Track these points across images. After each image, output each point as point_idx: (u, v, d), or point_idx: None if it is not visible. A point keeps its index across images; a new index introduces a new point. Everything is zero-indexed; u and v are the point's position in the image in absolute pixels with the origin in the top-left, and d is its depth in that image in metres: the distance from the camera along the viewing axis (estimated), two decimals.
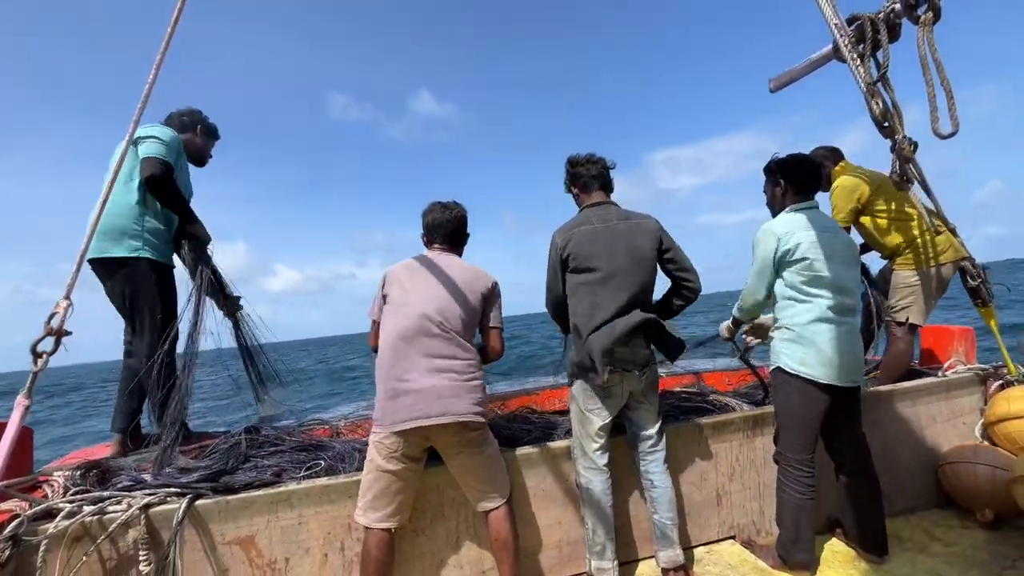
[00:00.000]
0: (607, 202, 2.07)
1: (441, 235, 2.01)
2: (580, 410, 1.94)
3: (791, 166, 2.12)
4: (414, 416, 1.64)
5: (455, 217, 2.03)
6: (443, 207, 2.03)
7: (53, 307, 1.55)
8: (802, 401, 1.94)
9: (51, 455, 4.24)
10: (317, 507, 1.76)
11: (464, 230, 2.08)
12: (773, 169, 2.17)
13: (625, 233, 1.95)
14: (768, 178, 2.21)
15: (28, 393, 1.51)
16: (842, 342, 1.91)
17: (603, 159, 2.12)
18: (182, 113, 2.52)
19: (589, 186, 2.10)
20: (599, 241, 1.93)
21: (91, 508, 1.59)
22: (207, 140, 2.60)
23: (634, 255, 1.92)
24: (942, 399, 2.58)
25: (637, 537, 2.12)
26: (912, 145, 2.30)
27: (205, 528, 1.66)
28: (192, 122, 2.52)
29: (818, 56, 2.62)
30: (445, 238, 2.02)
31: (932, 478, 2.48)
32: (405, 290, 1.84)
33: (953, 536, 2.21)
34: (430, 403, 1.65)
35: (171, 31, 1.56)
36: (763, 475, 2.28)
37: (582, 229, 1.95)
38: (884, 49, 2.16)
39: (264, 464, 1.84)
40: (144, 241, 2.22)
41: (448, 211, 2.02)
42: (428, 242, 2.06)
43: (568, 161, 2.16)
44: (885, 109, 2.17)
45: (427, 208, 2.06)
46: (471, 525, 1.91)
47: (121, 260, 2.17)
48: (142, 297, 2.20)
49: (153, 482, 1.73)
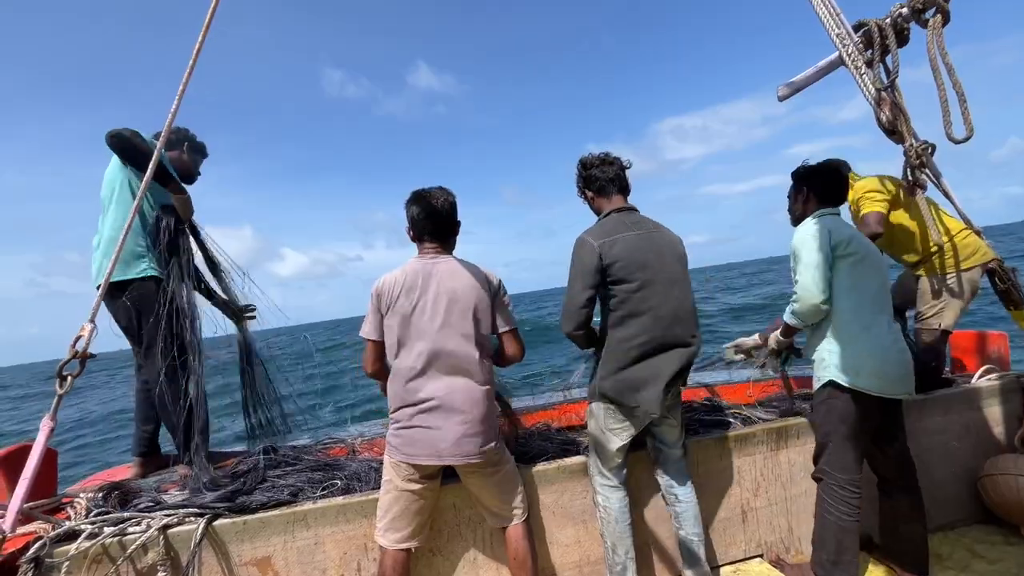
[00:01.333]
0: (632, 208, 1.96)
1: (430, 229, 1.78)
2: (600, 428, 1.88)
3: (819, 173, 2.06)
4: (427, 455, 1.63)
5: (443, 205, 1.78)
6: (428, 196, 1.78)
7: (78, 330, 1.59)
8: (853, 416, 1.83)
9: None
10: (333, 527, 1.75)
11: (455, 218, 1.84)
12: (802, 175, 2.10)
13: (663, 244, 1.87)
14: (794, 184, 2.14)
15: (53, 415, 1.54)
16: (892, 350, 1.82)
17: (619, 159, 1.98)
18: (183, 131, 2.49)
19: (606, 190, 1.96)
20: (643, 251, 1.81)
21: (112, 529, 1.61)
22: (194, 157, 2.53)
23: (674, 266, 1.85)
24: (977, 408, 2.48)
25: (659, 557, 2.05)
26: (927, 149, 2.26)
27: (223, 549, 1.66)
28: (179, 139, 2.46)
29: (825, 63, 2.62)
30: (434, 233, 1.79)
31: (970, 492, 2.37)
32: (409, 310, 1.70)
33: (996, 553, 2.10)
34: (443, 443, 1.62)
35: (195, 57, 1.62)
36: (789, 490, 2.20)
37: (626, 236, 1.81)
38: (893, 55, 2.15)
39: (281, 484, 1.84)
40: (148, 259, 2.18)
41: (434, 200, 1.77)
42: (416, 238, 1.83)
43: (580, 163, 2.01)
44: (893, 117, 2.14)
45: (410, 197, 1.81)
46: (488, 544, 1.87)
47: (129, 282, 2.14)
48: (151, 316, 2.13)
49: (172, 503, 1.74)
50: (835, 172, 2.07)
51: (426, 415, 1.65)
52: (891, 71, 2.27)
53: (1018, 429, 2.47)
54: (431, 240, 1.80)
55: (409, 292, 1.72)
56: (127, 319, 2.18)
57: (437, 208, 1.77)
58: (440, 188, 1.83)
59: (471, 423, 1.65)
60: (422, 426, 1.64)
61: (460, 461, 1.64)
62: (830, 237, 1.87)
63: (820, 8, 2.41)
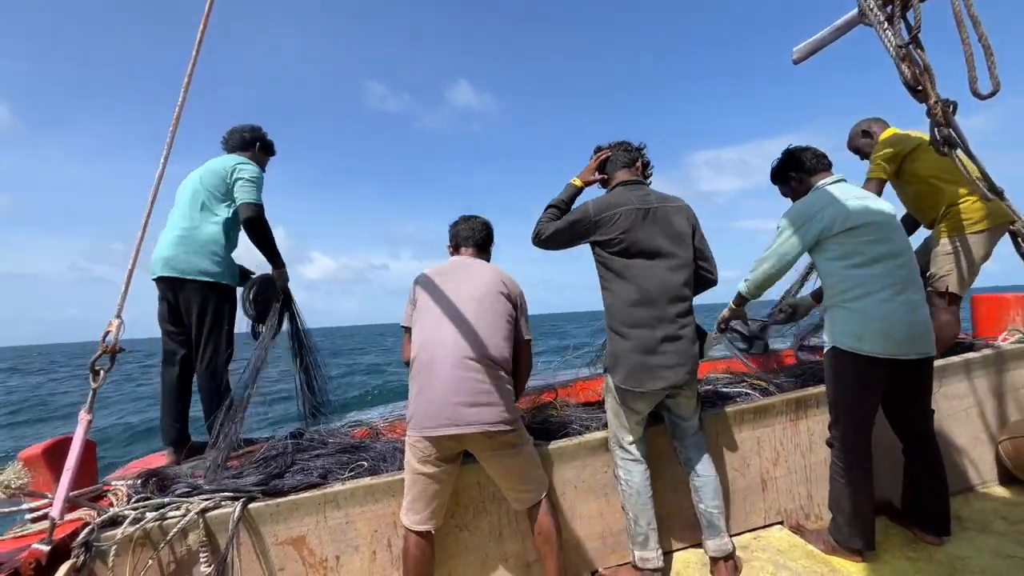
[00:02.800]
0: (640, 181, 2.03)
1: (470, 242, 2.06)
2: (617, 403, 1.91)
3: (786, 163, 2.15)
4: (442, 423, 1.65)
5: (482, 224, 2.10)
6: (468, 218, 2.11)
7: (106, 326, 1.63)
8: (859, 381, 1.85)
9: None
10: (362, 506, 1.80)
11: (491, 236, 2.13)
12: (777, 173, 2.20)
13: (665, 216, 1.91)
14: (780, 185, 2.22)
15: (89, 408, 1.59)
16: (902, 312, 1.82)
17: (637, 146, 2.13)
18: (243, 129, 2.68)
19: (616, 164, 2.08)
20: (642, 224, 1.87)
21: (153, 514, 1.68)
22: (263, 157, 2.76)
23: (675, 238, 1.89)
24: (999, 371, 2.46)
25: (681, 526, 2.09)
26: (951, 106, 2.18)
27: (258, 530, 1.73)
28: (252, 139, 2.69)
29: (843, 22, 2.50)
30: (472, 241, 2.06)
31: (991, 454, 2.37)
32: (436, 297, 1.83)
33: (1018, 513, 2.11)
34: (460, 411, 1.65)
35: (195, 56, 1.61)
36: (808, 458, 2.22)
37: (624, 209, 1.88)
38: (915, 8, 2.05)
39: (311, 466, 1.90)
40: (227, 268, 2.45)
41: (475, 220, 2.10)
42: (455, 249, 2.10)
43: (596, 148, 2.17)
44: (916, 73, 2.06)
45: (455, 221, 2.13)
46: (513, 519, 1.93)
47: (210, 284, 2.36)
48: (223, 319, 2.41)
49: (208, 487, 1.81)
50: (795, 151, 2.14)
51: (445, 384, 1.68)
52: (912, 27, 2.17)
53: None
54: (467, 247, 2.06)
55: (442, 276, 1.89)
56: (196, 316, 2.36)
57: (477, 226, 2.09)
58: (477, 215, 2.14)
59: (489, 391, 1.69)
60: (441, 395, 1.67)
61: (476, 428, 1.65)
62: (820, 218, 1.91)
63: None
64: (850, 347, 1.84)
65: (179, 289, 2.36)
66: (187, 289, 2.36)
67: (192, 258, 2.36)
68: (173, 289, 2.37)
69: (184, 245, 2.37)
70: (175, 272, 2.34)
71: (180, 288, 2.36)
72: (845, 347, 1.86)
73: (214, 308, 2.39)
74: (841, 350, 1.87)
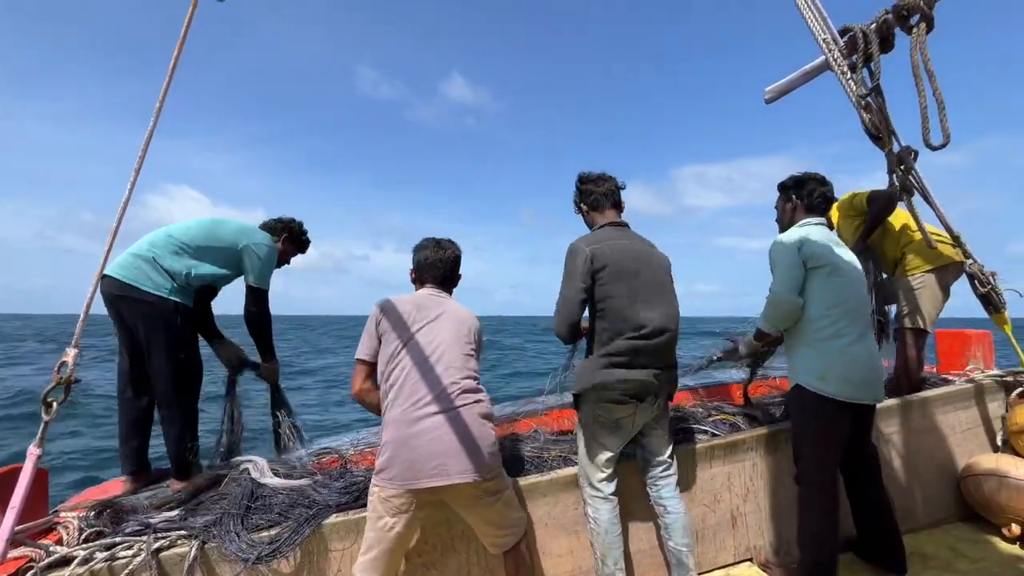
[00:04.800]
0: (623, 223, 2.06)
1: (433, 276, 1.92)
2: (588, 439, 1.91)
3: (804, 182, 2.14)
4: (428, 475, 1.54)
5: (449, 258, 1.93)
6: (437, 245, 1.94)
7: (62, 356, 1.57)
8: (823, 420, 1.88)
9: None
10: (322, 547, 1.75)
11: (457, 271, 1.99)
12: (788, 185, 2.19)
13: (652, 256, 1.96)
14: (781, 194, 2.23)
15: (40, 442, 1.53)
16: (862, 357, 1.88)
17: (613, 178, 2.10)
18: (288, 222, 2.63)
19: (600, 203, 2.06)
20: (631, 258, 1.89)
21: (104, 555, 1.60)
22: (293, 250, 2.70)
23: (662, 277, 1.94)
24: (961, 408, 2.52)
25: (650, 564, 2.07)
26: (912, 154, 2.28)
27: (215, 573, 1.66)
28: (282, 228, 2.60)
29: (811, 67, 2.61)
30: (437, 279, 1.92)
31: (954, 491, 2.41)
32: (413, 332, 1.73)
33: (979, 551, 2.15)
34: (448, 461, 1.55)
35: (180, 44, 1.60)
36: (779, 495, 2.24)
37: (613, 244, 1.90)
38: (875, 61, 2.15)
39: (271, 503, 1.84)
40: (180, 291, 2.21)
41: (442, 250, 1.93)
42: (417, 280, 1.96)
43: (579, 178, 2.13)
44: (877, 122, 2.16)
45: (420, 243, 1.97)
46: (482, 558, 1.89)
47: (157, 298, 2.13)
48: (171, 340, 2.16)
49: (163, 526, 1.74)
50: (821, 180, 2.12)
51: (432, 434, 1.58)
52: (875, 76, 2.28)
53: (1000, 428, 2.52)
54: (432, 284, 1.92)
55: (414, 309, 1.79)
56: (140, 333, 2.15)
57: (444, 258, 1.92)
58: (449, 240, 1.99)
59: (475, 437, 1.61)
60: (424, 450, 1.56)
61: (469, 478, 1.56)
62: (805, 245, 1.93)
63: (806, 11, 2.40)
64: (813, 387, 1.88)
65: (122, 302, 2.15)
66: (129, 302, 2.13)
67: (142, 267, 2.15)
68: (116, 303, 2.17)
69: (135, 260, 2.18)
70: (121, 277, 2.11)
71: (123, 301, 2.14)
72: (807, 386, 1.89)
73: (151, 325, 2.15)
74: (804, 388, 1.91)
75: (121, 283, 2.13)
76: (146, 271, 2.16)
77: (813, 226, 2.03)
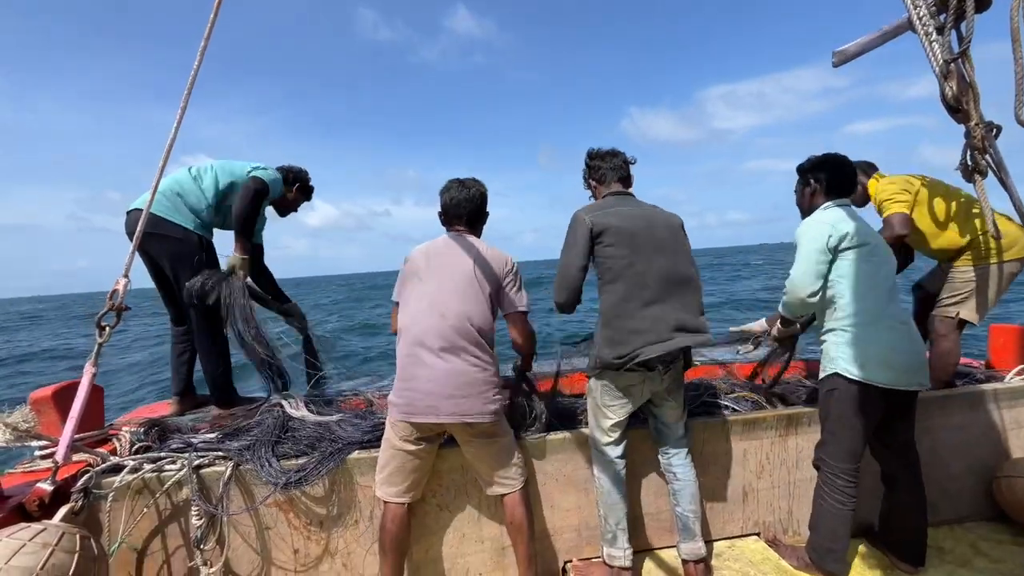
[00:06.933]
0: (628, 193, 2.04)
1: (458, 215, 1.94)
2: (596, 404, 1.93)
3: (824, 164, 2.02)
4: (424, 412, 1.69)
5: (474, 196, 1.94)
6: (461, 185, 1.94)
7: (114, 284, 1.69)
8: (858, 409, 1.81)
9: None
10: (348, 477, 1.87)
11: (484, 208, 2.00)
12: (806, 168, 2.08)
13: (654, 216, 1.92)
14: (799, 177, 2.12)
15: (94, 361, 1.67)
16: (903, 341, 1.80)
17: (623, 153, 2.08)
18: (290, 168, 2.69)
19: (607, 178, 2.05)
20: (632, 220, 1.86)
21: (151, 466, 1.77)
22: (299, 198, 2.77)
23: (669, 237, 1.89)
24: (1005, 407, 2.39)
25: (658, 527, 2.13)
26: (994, 130, 2.06)
27: (249, 491, 1.81)
28: (295, 179, 2.68)
29: (892, 27, 2.35)
30: (464, 218, 1.94)
31: (983, 488, 2.33)
32: (422, 278, 1.83)
33: (1000, 552, 2.09)
34: (442, 402, 1.68)
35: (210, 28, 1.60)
36: (794, 475, 2.22)
37: (614, 210, 1.88)
38: (968, 20, 1.91)
39: (299, 435, 1.96)
40: (203, 224, 2.39)
41: (466, 189, 1.94)
42: (446, 222, 1.99)
43: (587, 154, 2.11)
44: (959, 92, 1.94)
45: (445, 185, 1.98)
46: (492, 504, 1.98)
47: (182, 231, 2.29)
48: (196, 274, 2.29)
49: (202, 446, 1.89)
50: (841, 162, 2.01)
51: (428, 371, 1.71)
52: (964, 39, 2.04)
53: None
54: (460, 224, 1.96)
55: (429, 257, 1.88)
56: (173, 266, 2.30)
57: (469, 196, 1.93)
58: (473, 179, 1.99)
59: (470, 383, 1.71)
60: (424, 383, 1.70)
61: (456, 420, 1.69)
62: (835, 230, 1.83)
63: None
64: (851, 374, 1.80)
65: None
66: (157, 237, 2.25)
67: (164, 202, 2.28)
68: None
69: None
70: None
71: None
72: (846, 374, 1.81)
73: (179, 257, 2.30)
74: (841, 376, 1.83)
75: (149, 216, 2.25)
76: (171, 206, 2.30)
77: (838, 208, 1.93)
